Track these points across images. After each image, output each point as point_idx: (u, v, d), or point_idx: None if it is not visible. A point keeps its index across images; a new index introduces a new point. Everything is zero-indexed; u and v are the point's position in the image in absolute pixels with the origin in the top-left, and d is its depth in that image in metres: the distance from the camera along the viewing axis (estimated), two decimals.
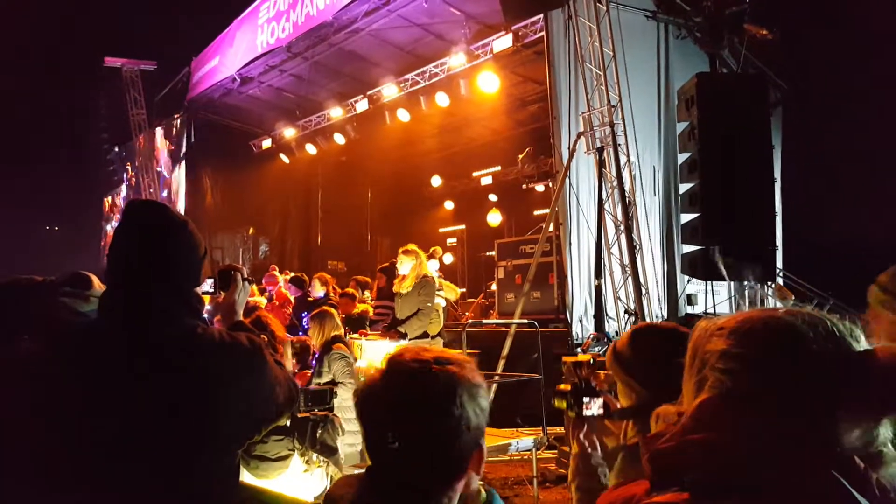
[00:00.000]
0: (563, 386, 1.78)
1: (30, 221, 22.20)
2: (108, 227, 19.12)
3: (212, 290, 2.10)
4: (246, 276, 2.08)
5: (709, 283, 7.04)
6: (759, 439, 0.79)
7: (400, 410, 1.06)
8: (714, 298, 7.22)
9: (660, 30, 8.76)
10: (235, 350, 1.53)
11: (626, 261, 6.88)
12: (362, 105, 11.81)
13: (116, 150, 18.88)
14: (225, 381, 1.48)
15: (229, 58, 12.96)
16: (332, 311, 4.93)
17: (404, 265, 6.16)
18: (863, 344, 0.85)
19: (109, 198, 19.31)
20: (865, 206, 10.72)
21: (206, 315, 2.14)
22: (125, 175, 18.11)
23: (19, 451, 1.43)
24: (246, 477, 3.30)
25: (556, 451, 5.91)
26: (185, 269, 1.59)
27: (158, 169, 15.92)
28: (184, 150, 14.58)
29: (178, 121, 14.87)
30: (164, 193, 15.34)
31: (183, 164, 14.59)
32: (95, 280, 2.17)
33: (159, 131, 15.86)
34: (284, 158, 13.88)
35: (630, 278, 6.75)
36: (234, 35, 12.95)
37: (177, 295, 1.54)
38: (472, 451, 1.08)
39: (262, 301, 7.86)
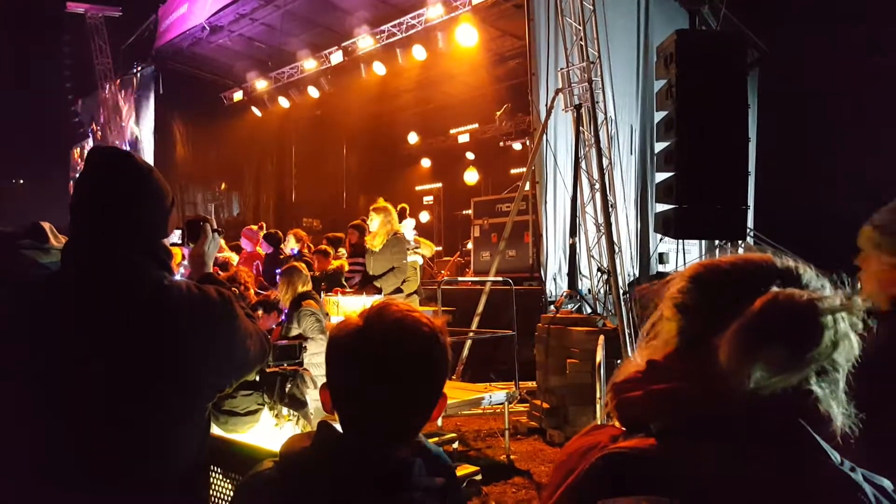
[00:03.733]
0: None
1: None
2: (75, 179, 18.62)
3: (180, 242, 2.03)
4: (215, 227, 2.02)
5: (680, 241, 7.12)
6: (713, 390, 0.78)
7: (378, 359, 1.06)
8: (685, 257, 7.32)
9: None
10: (204, 302, 1.49)
11: (601, 219, 6.90)
12: (337, 57, 11.50)
13: (81, 100, 18.24)
14: (194, 334, 1.44)
15: (198, 5, 12.45)
16: (302, 266, 4.88)
17: (374, 222, 6.11)
18: (807, 284, 0.84)
19: (77, 150, 18.74)
20: (838, 168, 10.88)
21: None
22: (91, 127, 17.55)
23: None
24: (216, 432, 3.29)
25: (527, 405, 6.04)
26: (151, 220, 1.53)
27: (124, 122, 15.44)
28: (152, 101, 14.09)
29: (146, 70, 14.35)
30: (130, 145, 14.91)
31: (151, 115, 14.12)
32: (51, 230, 2.12)
33: (126, 81, 15.31)
34: (256, 112, 13.56)
35: (604, 237, 6.78)
36: None
37: (143, 246, 1.49)
38: (438, 399, 1.11)
39: (234, 257, 7.76)
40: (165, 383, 1.40)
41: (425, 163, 16.04)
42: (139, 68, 14.59)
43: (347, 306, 5.75)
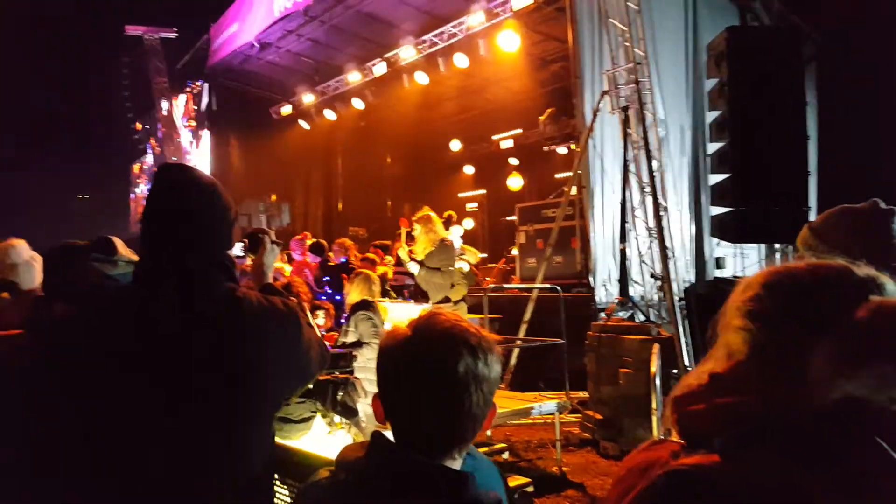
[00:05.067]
0: None
1: (63, 191, 22.60)
2: (136, 192, 19.39)
3: (241, 254, 2.10)
4: (274, 239, 2.07)
5: (738, 245, 6.89)
6: (786, 404, 0.75)
7: (427, 370, 1.07)
8: (743, 261, 7.07)
9: None
10: (274, 313, 1.54)
11: (652, 224, 6.75)
12: (380, 68, 11.65)
13: (140, 118, 19.02)
14: (263, 344, 1.49)
15: (248, 24, 12.85)
16: (372, 275, 4.94)
17: (416, 231, 6.14)
18: (889, 293, 0.80)
19: (137, 165, 19.54)
20: None
21: None
22: (149, 143, 18.27)
23: (63, 410, 1.44)
24: None
25: (579, 416, 5.92)
26: (218, 232, 1.59)
27: (180, 138, 16.01)
28: (206, 117, 14.62)
29: (200, 88, 14.88)
30: (188, 160, 15.44)
31: (206, 131, 14.65)
32: (120, 244, 2.19)
33: (181, 99, 15.89)
34: (304, 124, 13.84)
35: (656, 242, 6.62)
36: (252, 0, 12.80)
37: (212, 257, 1.54)
38: (488, 411, 1.10)
39: (286, 267, 7.92)
40: (238, 392, 1.44)
41: (468, 169, 16.04)
42: (194, 86, 15.13)
43: (396, 313, 5.79)
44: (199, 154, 15.08)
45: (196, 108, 15.25)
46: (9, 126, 20.98)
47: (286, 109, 13.91)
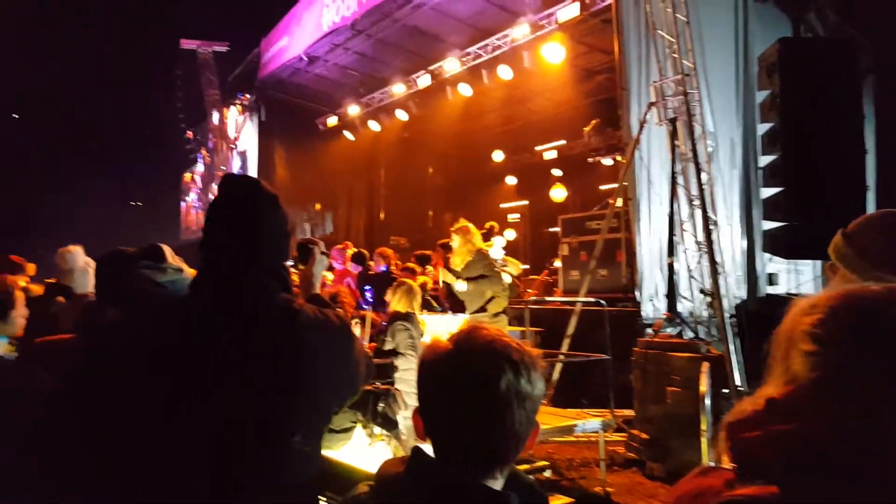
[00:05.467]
0: None
1: (117, 198, 23.48)
2: (186, 200, 20.00)
3: (291, 264, 2.14)
4: (323, 249, 2.10)
5: (792, 261, 6.64)
6: (853, 431, 0.72)
7: (468, 385, 1.04)
8: (798, 278, 6.81)
9: None
10: (329, 325, 1.57)
11: (701, 238, 6.58)
12: (424, 81, 11.77)
13: (192, 128, 19.66)
14: (321, 356, 1.51)
15: (297, 38, 13.21)
16: (416, 287, 4.96)
17: (454, 242, 6.14)
18: None
19: (188, 174, 20.16)
20: None
21: None
22: (200, 152, 18.84)
23: (109, 413, 1.48)
24: None
25: (624, 434, 5.77)
26: (277, 244, 1.63)
27: (230, 147, 16.47)
28: (255, 128, 15.03)
29: (250, 100, 15.31)
30: (237, 169, 15.85)
31: (254, 141, 15.05)
32: (169, 252, 2.25)
33: (232, 110, 16.36)
34: (349, 135, 14.07)
35: (705, 256, 6.45)
36: (301, 15, 13.16)
37: (270, 268, 1.57)
38: (531, 429, 1.08)
39: (328, 275, 8.02)
40: (290, 403, 1.46)
41: (510, 180, 15.99)
42: (244, 98, 15.58)
43: (434, 325, 5.78)
44: (246, 163, 15.47)
45: (245, 118, 15.69)
46: (69, 135, 21.97)
47: (332, 121, 14.18)
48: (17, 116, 22.97)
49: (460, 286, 5.95)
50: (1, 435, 1.66)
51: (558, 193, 14.03)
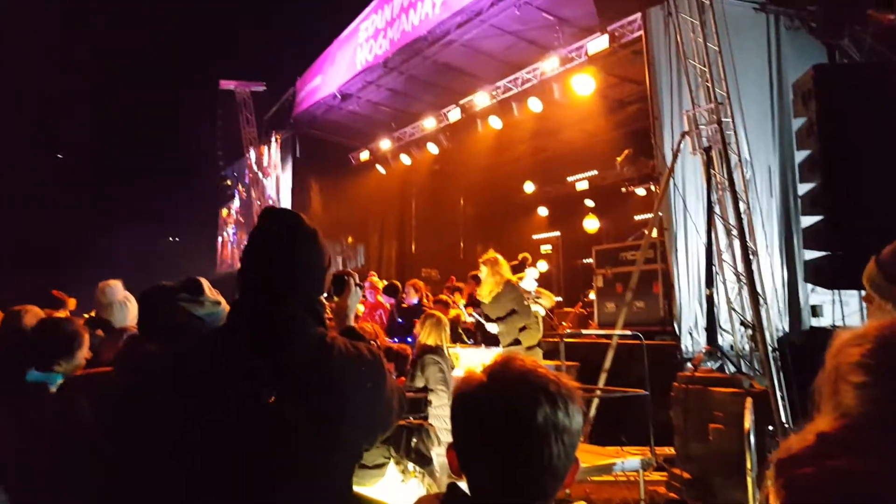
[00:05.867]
0: None
1: (155, 233, 24.12)
2: (223, 236, 20.45)
3: (325, 296, 2.15)
4: (357, 281, 2.11)
5: (837, 292, 6.41)
6: None
7: (504, 419, 1.01)
8: (843, 309, 6.54)
9: (769, 21, 8.19)
10: (362, 360, 1.55)
11: (741, 268, 6.42)
12: (454, 114, 11.93)
13: (230, 165, 20.22)
14: (353, 391, 1.50)
15: (330, 76, 13.57)
16: (444, 319, 4.95)
17: (482, 274, 6.13)
18: None
19: (225, 210, 20.64)
20: None
21: None
22: (237, 189, 19.31)
23: (145, 444, 1.48)
24: None
25: (664, 474, 5.57)
26: (313, 278, 1.64)
27: (266, 184, 16.86)
28: (290, 164, 15.40)
29: (285, 137, 15.73)
30: (272, 204, 16.18)
31: (289, 177, 15.40)
32: (207, 285, 2.28)
33: (268, 147, 16.81)
34: (381, 169, 14.27)
35: (745, 287, 6.29)
36: (335, 55, 13.56)
37: (304, 302, 1.57)
38: (570, 466, 1.04)
39: (360, 308, 8.05)
40: (322, 439, 1.44)
41: (542, 211, 15.95)
42: (280, 135, 16.01)
43: (467, 359, 5.73)
44: (281, 198, 15.79)
45: (281, 155, 16.09)
46: (110, 171, 22.78)
47: (364, 155, 14.42)
48: (60, 156, 23.93)
49: (492, 328, 5.91)
50: (42, 464, 1.67)
51: (591, 224, 13.93)
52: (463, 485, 1.07)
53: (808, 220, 5.24)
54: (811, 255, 5.14)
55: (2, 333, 2.75)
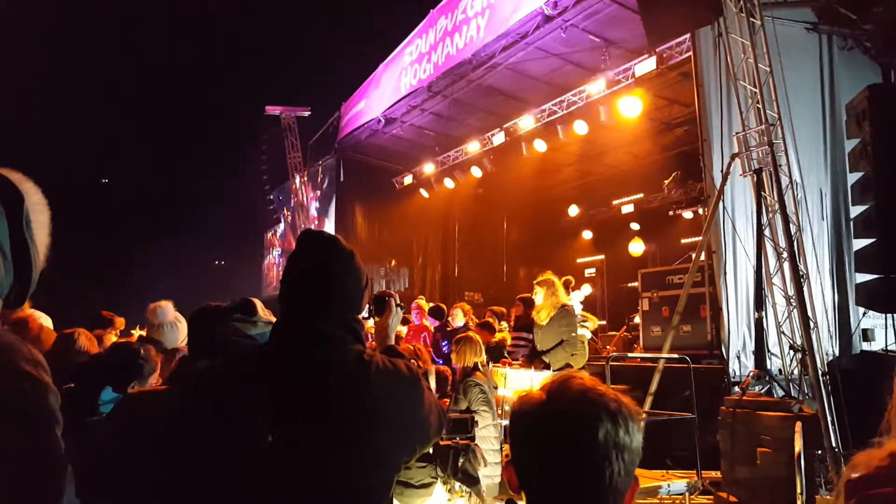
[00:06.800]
0: None
1: (202, 256, 24.74)
2: (269, 259, 20.87)
3: (367, 315, 2.20)
4: (398, 302, 2.16)
5: (889, 316, 6.19)
6: None
7: (564, 436, 1.03)
8: None
9: (822, 41, 8.05)
10: (399, 376, 1.59)
11: (791, 291, 6.26)
12: (499, 138, 11.96)
13: (275, 189, 20.68)
14: (389, 406, 1.53)
15: (374, 100, 13.78)
16: (475, 337, 4.95)
17: (538, 295, 6.08)
18: None
19: (270, 233, 21.09)
20: None
21: None
22: (283, 213, 19.72)
23: (199, 460, 1.54)
24: None
25: (710, 497, 5.44)
26: (352, 298, 1.68)
27: (310, 208, 17.18)
28: (334, 188, 15.66)
29: (329, 161, 16.03)
30: (316, 228, 16.46)
31: (333, 200, 15.65)
32: (260, 306, 2.35)
33: (313, 171, 17.15)
34: (424, 193, 14.38)
35: (796, 311, 6.12)
36: (380, 79, 13.75)
37: (344, 321, 1.63)
38: (630, 483, 1.04)
39: (403, 330, 8.09)
40: (362, 450, 1.48)
41: (587, 235, 15.83)
42: (324, 160, 16.33)
43: (515, 379, 5.70)
44: (326, 222, 16.06)
45: (325, 179, 16.39)
46: (156, 195, 23.59)
47: (408, 179, 14.54)
48: (106, 181, 24.88)
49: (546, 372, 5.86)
50: (97, 486, 1.73)
51: (636, 248, 13.75)
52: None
53: (860, 243, 5.10)
54: (863, 278, 5.00)
55: (59, 354, 2.86)
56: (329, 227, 15.65)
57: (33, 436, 1.08)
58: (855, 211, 5.28)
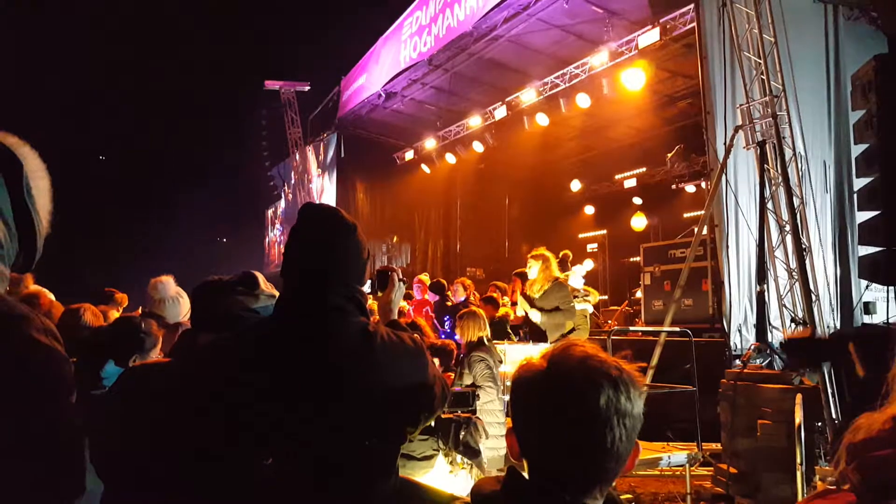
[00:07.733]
0: None
1: (203, 233, 24.70)
2: (270, 236, 20.89)
3: (370, 290, 2.20)
4: (401, 277, 2.16)
5: (891, 289, 6.20)
6: None
7: (565, 402, 1.03)
8: None
9: (827, 11, 7.92)
10: (403, 348, 1.62)
11: (793, 265, 6.25)
12: (501, 112, 11.84)
13: (275, 165, 20.58)
14: (393, 376, 1.56)
15: (375, 75, 13.63)
16: (479, 311, 4.96)
17: (532, 269, 6.10)
18: None
19: (271, 210, 21.05)
20: None
21: None
22: (283, 189, 19.66)
23: (201, 430, 1.56)
24: None
25: (711, 469, 5.51)
26: (354, 270, 1.70)
27: (311, 184, 17.11)
28: (335, 164, 15.59)
29: (330, 137, 15.93)
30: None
31: (334, 176, 15.59)
32: (262, 279, 2.34)
33: (312, 147, 17.05)
34: (425, 168, 14.31)
35: (798, 284, 6.12)
36: (380, 53, 13.57)
37: (347, 293, 1.63)
38: (631, 449, 1.05)
39: (405, 304, 8.12)
40: (366, 423, 1.49)
41: (589, 210, 15.79)
42: (324, 135, 16.22)
43: (514, 355, 5.73)
44: (326, 198, 16.02)
45: (325, 155, 16.31)
46: (156, 172, 23.49)
47: (409, 155, 14.45)
48: (103, 158, 24.76)
49: (534, 316, 5.90)
50: (101, 459, 1.74)
51: (639, 222, 13.73)
52: (524, 471, 1.09)
53: (863, 216, 5.07)
54: (865, 250, 4.99)
55: (65, 328, 2.89)
56: (330, 202, 15.62)
57: (54, 404, 1.08)
58: (859, 183, 5.23)
